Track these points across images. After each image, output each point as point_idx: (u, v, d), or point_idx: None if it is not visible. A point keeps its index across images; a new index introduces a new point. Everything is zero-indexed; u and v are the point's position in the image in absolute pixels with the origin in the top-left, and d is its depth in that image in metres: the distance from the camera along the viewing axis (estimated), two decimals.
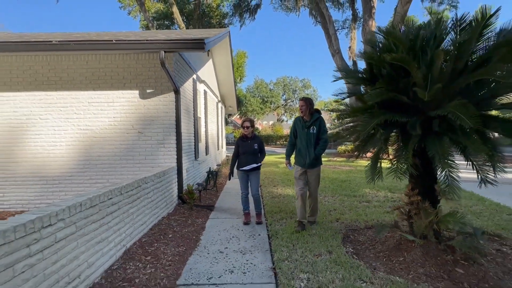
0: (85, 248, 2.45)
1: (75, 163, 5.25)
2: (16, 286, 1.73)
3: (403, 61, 2.30)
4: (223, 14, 28.05)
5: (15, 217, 1.91)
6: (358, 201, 5.76)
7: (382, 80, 2.52)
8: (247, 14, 24.90)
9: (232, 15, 26.54)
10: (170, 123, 5.25)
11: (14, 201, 5.23)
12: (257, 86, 48.68)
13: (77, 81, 5.20)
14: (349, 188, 6.98)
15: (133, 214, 3.44)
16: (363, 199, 5.88)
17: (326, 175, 9.22)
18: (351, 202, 5.67)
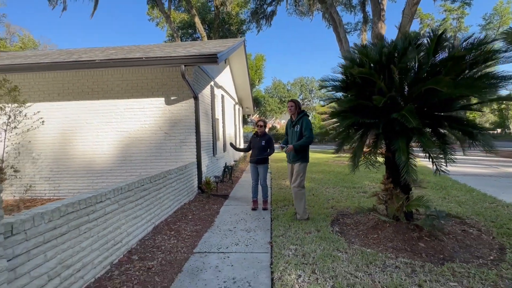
0: (125, 221, 3.11)
1: (114, 159, 6.03)
2: (80, 241, 2.40)
3: (367, 74, 2.74)
4: (241, 21, 28.63)
5: (78, 195, 2.58)
6: (356, 191, 6.12)
7: (354, 89, 2.97)
8: (263, 20, 25.35)
9: (250, 21, 27.08)
10: (190, 124, 5.88)
11: (67, 191, 6.12)
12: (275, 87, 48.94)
13: (115, 91, 5.97)
14: (351, 181, 7.32)
15: (160, 198, 4.10)
16: (361, 190, 6.23)
17: (331, 169, 9.57)
18: (349, 192, 6.05)
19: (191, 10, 22.02)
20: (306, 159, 4.13)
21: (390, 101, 2.79)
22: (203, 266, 2.95)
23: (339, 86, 3.20)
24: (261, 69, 35.65)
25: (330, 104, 3.74)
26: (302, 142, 4.01)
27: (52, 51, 8.39)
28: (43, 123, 5.85)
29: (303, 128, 4.01)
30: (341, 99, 3.14)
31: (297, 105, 4.20)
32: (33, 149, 6.10)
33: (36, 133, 6.06)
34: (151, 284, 2.58)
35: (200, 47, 6.94)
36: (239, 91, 13.66)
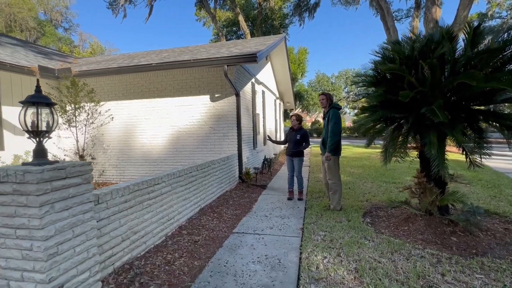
0: (176, 201, 3.66)
1: (167, 150, 6.80)
2: (143, 214, 2.97)
3: (396, 70, 2.80)
4: (284, 15, 28.51)
5: (141, 178, 3.16)
6: (395, 187, 5.99)
7: (384, 84, 3.04)
8: (306, 13, 24.92)
9: (292, 15, 26.84)
10: (232, 119, 6.34)
11: (130, 176, 7.09)
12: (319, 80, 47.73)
13: (167, 90, 6.69)
14: (391, 176, 7.13)
15: (205, 185, 4.62)
16: (401, 186, 6.05)
17: (373, 164, 9.32)
18: (388, 187, 5.95)
19: (235, 9, 22.66)
20: (337, 152, 4.22)
21: (420, 96, 2.82)
22: (241, 244, 3.35)
23: (370, 81, 3.28)
24: (304, 62, 35.14)
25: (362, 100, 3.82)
26: (329, 142, 4.08)
27: (117, 56, 9.59)
28: (112, 119, 6.86)
29: (329, 121, 4.11)
30: (370, 94, 3.22)
31: (328, 98, 4.30)
32: (104, 141, 7.18)
33: (106, 128, 7.12)
34: (197, 253, 3.07)
35: (242, 47, 7.34)
36: (280, 86, 13.88)
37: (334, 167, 4.29)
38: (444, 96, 2.77)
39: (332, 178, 4.33)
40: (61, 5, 31.02)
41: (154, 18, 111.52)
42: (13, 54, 7.10)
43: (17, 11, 27.02)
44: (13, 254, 1.82)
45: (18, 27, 27.36)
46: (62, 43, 30.39)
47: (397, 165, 9.06)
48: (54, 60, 8.86)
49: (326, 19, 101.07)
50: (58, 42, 30.67)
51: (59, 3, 30.86)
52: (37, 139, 1.96)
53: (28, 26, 27.86)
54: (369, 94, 3.32)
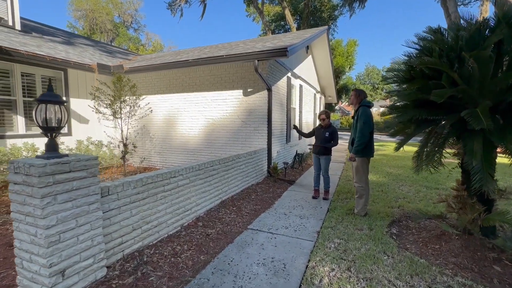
0: (195, 193, 3.63)
1: (202, 141, 6.91)
2: (157, 205, 2.97)
3: (432, 64, 2.23)
4: (333, 6, 26.65)
5: (157, 170, 3.17)
6: (437, 193, 5.13)
7: (418, 81, 2.47)
8: (356, 3, 22.86)
9: (342, 5, 24.93)
10: (263, 114, 6.10)
11: (170, 163, 7.42)
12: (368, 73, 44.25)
13: (204, 85, 6.72)
14: (435, 180, 6.17)
15: (228, 178, 4.52)
16: (444, 192, 5.16)
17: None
18: (427, 193, 5.14)
19: (282, 2, 21.89)
20: (364, 153, 3.71)
21: (463, 95, 2.22)
22: (251, 242, 3.18)
23: (402, 77, 2.71)
24: (353, 55, 32.54)
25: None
26: (356, 142, 3.61)
27: (166, 53, 10.01)
28: (151, 111, 7.23)
29: (358, 121, 3.61)
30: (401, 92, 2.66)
31: (358, 95, 3.77)
32: (151, 130, 7.61)
33: (152, 119, 7.52)
34: (206, 247, 2.99)
35: (278, 41, 6.96)
36: (321, 80, 13.07)
37: (362, 170, 3.80)
38: (496, 96, 2.12)
39: (358, 181, 3.85)
40: (132, 8, 33.80)
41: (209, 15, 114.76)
42: (82, 53, 7.86)
43: (98, 15, 30.29)
44: (24, 237, 1.92)
45: (98, 30, 30.72)
46: (132, 43, 33.30)
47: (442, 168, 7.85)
48: (116, 58, 9.61)
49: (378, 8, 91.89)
50: (128, 41, 33.67)
51: (130, 6, 33.68)
52: (48, 135, 2.01)
53: (106, 28, 31.07)
54: (399, 92, 2.76)
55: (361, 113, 3.61)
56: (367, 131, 3.57)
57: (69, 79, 6.70)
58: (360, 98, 3.76)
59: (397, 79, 2.76)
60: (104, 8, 30.68)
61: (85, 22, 30.35)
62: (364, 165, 3.80)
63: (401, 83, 2.78)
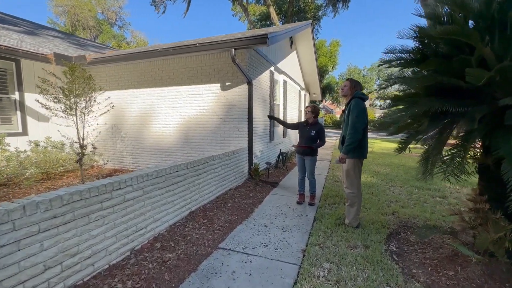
0: (151, 207, 2.79)
1: (178, 140, 6.04)
2: (89, 229, 2.12)
3: (457, 34, 1.51)
4: (317, 7, 26.06)
5: (90, 182, 2.31)
6: (430, 195, 4.56)
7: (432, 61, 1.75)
8: (340, 3, 22.36)
9: (326, 6, 24.41)
10: (243, 110, 5.32)
11: (144, 164, 6.50)
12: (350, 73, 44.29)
13: (179, 78, 5.85)
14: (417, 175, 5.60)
15: (200, 184, 3.71)
16: (437, 194, 4.61)
17: (403, 162, 7.69)
18: (421, 195, 4.55)
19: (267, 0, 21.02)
20: (356, 154, 3.00)
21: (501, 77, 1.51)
22: (220, 269, 2.40)
23: (409, 59, 2.00)
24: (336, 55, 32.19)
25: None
26: (347, 140, 2.90)
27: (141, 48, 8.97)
28: (113, 107, 6.31)
29: (350, 116, 2.89)
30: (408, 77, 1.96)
31: (353, 86, 3.04)
32: (121, 129, 6.64)
33: (123, 116, 6.56)
34: (157, 282, 2.17)
35: (260, 32, 6.18)
36: (306, 76, 12.41)
37: (353, 173, 3.08)
38: None
39: (349, 186, 3.13)
40: (116, 5, 31.87)
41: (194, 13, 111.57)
42: (42, 43, 6.75)
43: (80, 11, 28.27)
44: None
45: (80, 26, 28.72)
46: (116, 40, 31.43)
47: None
48: (88, 51, 8.51)
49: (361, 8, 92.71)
50: (112, 39, 31.78)
51: (114, 3, 31.74)
52: None
53: (88, 25, 29.10)
54: (405, 77, 2.04)
55: (353, 106, 2.89)
56: (360, 126, 2.85)
57: (23, 71, 5.63)
58: (354, 89, 3.02)
59: (403, 61, 2.04)
60: (86, 4, 28.68)
61: (66, 19, 28.28)
62: (356, 168, 3.08)
63: (407, 66, 2.06)
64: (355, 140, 2.88)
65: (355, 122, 2.85)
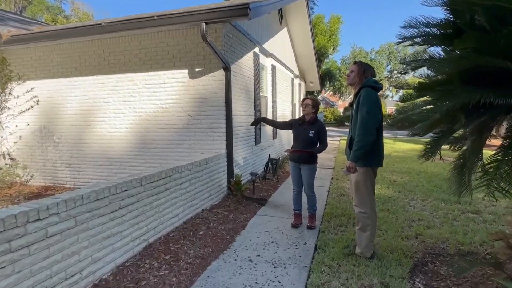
0: (89, 242, 2.53)
1: (132, 146, 5.78)
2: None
3: None
4: None
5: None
6: (460, 210, 4.57)
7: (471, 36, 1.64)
8: None
9: None
10: (219, 105, 5.17)
11: (87, 179, 6.15)
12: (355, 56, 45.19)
13: (132, 63, 5.60)
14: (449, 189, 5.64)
15: (159, 206, 3.48)
16: (470, 208, 4.63)
17: (424, 168, 7.77)
18: (449, 210, 4.55)
19: None
20: (369, 161, 2.88)
21: None
22: None
23: (438, 34, 1.90)
24: (337, 34, 32.77)
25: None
26: (356, 143, 2.76)
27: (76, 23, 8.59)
28: (38, 103, 5.97)
29: (358, 109, 2.77)
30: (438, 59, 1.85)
31: (362, 71, 2.92)
32: (55, 132, 6.26)
33: (55, 114, 6.19)
34: None
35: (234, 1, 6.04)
36: (300, 61, 12.51)
37: (364, 187, 2.96)
38: None
39: (360, 204, 3.01)
40: None
41: None
42: None
43: None
44: None
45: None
46: (51, 13, 30.24)
47: None
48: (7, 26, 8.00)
49: None
50: (46, 12, 30.56)
51: None
52: None
53: None
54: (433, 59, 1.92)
55: (363, 98, 2.76)
56: (372, 125, 2.73)
57: None
58: (364, 75, 2.90)
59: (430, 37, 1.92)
60: None
61: None
62: (368, 180, 2.96)
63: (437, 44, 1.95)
64: (366, 143, 2.76)
65: (366, 120, 2.73)
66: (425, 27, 2.03)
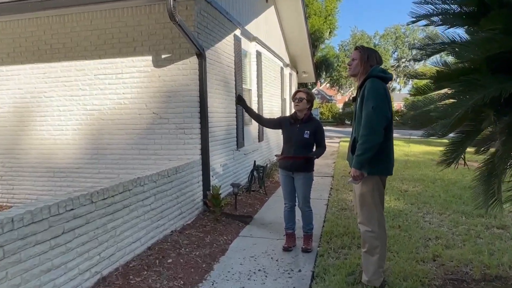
0: (21, 279, 2.38)
1: (82, 152, 5.66)
2: None
3: None
4: None
5: None
6: (484, 225, 4.70)
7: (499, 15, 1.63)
8: None
9: None
10: (192, 99, 5.15)
11: (24, 195, 5.95)
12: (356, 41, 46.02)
13: (81, 48, 5.49)
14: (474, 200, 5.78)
15: (116, 229, 3.38)
16: (495, 223, 4.77)
17: (439, 174, 7.95)
18: (470, 226, 4.68)
19: None
20: (377, 168, 2.88)
21: None
22: None
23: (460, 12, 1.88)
24: (334, 14, 33.31)
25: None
26: (360, 145, 2.77)
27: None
28: None
29: (363, 104, 2.78)
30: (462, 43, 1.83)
31: (364, 57, 2.93)
32: None
33: None
34: None
35: None
36: (291, 46, 12.78)
37: (372, 199, 2.95)
38: None
39: (367, 221, 2.99)
40: None
41: None
42: None
43: None
44: None
45: None
46: None
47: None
48: None
49: None
50: None
51: None
52: None
53: None
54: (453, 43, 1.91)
55: (368, 90, 2.76)
56: (380, 123, 2.72)
57: None
58: (368, 63, 2.90)
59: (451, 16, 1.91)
60: None
61: None
62: (375, 191, 2.95)
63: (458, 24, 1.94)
64: (372, 146, 2.74)
65: (373, 117, 2.72)
66: (443, 3, 2.02)
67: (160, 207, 4.16)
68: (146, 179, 3.86)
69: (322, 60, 34.24)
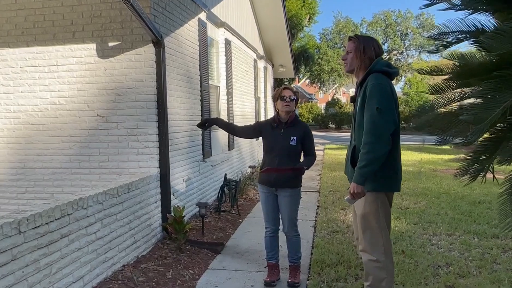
0: None
1: (4, 166, 5.53)
2: None
3: None
4: None
5: None
6: (499, 247, 4.88)
7: None
8: None
9: None
10: (147, 98, 5.12)
11: None
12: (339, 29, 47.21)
13: (3, 32, 5.37)
14: (487, 218, 6.11)
15: (51, 266, 3.24)
16: (510, 243, 4.97)
17: (445, 187, 8.20)
18: (485, 249, 4.84)
19: None
20: (382, 183, 2.90)
21: None
22: None
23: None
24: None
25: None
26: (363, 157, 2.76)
27: None
28: None
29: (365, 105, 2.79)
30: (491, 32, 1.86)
31: (360, 48, 2.95)
32: None
33: None
34: None
35: None
36: (266, 35, 13.07)
37: (375, 222, 2.95)
38: None
39: (370, 248, 2.99)
40: None
41: None
42: None
43: None
44: None
45: None
46: None
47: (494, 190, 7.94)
48: None
49: None
50: None
51: None
52: None
53: None
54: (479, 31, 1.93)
55: (372, 88, 2.76)
56: (387, 128, 2.74)
57: None
58: (366, 55, 2.91)
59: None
60: None
61: None
62: (381, 211, 2.95)
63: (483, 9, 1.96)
64: (379, 156, 2.75)
65: (378, 121, 2.73)
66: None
67: (108, 236, 4.06)
68: (90, 200, 3.74)
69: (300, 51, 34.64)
